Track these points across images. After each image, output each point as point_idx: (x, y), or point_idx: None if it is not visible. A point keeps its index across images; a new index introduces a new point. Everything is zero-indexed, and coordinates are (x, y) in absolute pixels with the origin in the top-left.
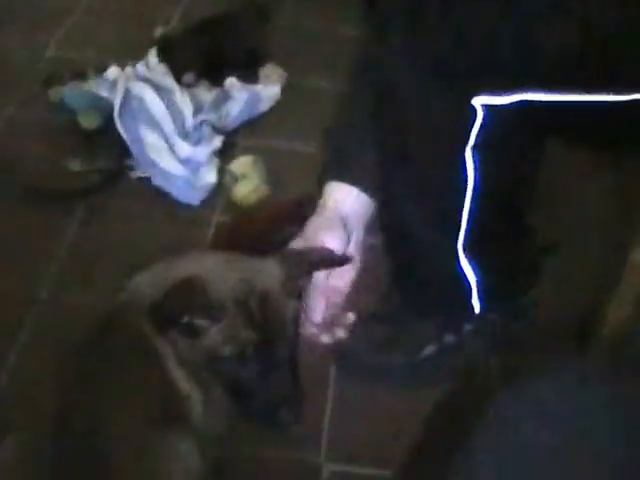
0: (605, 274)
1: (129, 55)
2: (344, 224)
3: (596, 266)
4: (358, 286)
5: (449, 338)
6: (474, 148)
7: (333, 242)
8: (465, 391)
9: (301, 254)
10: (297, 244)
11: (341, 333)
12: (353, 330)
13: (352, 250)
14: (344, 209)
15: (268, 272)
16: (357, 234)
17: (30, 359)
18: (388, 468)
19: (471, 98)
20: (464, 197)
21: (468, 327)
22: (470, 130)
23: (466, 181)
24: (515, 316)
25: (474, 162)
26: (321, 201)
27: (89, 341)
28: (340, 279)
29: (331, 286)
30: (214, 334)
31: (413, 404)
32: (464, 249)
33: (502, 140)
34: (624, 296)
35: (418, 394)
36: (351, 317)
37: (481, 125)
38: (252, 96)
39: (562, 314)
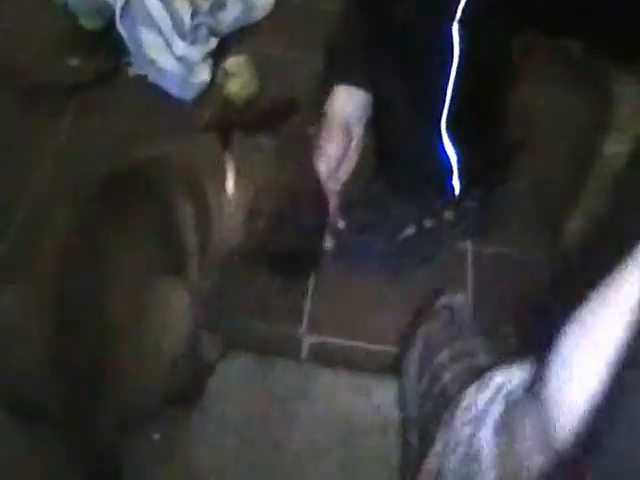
0: (575, 170)
1: None
2: (346, 128)
3: (566, 162)
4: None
5: (428, 223)
6: (459, 22)
7: (336, 149)
8: None
9: None
10: None
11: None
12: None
13: (352, 151)
14: (347, 112)
15: None
16: (357, 136)
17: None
18: (363, 340)
19: None
20: (449, 72)
21: (448, 214)
22: (457, 4)
23: (452, 55)
24: (490, 206)
25: (460, 36)
26: (326, 107)
27: (101, 189)
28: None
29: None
30: None
31: (392, 285)
32: (447, 127)
33: (484, 17)
34: (592, 190)
35: (397, 277)
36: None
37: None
38: (247, 5)
39: (533, 209)
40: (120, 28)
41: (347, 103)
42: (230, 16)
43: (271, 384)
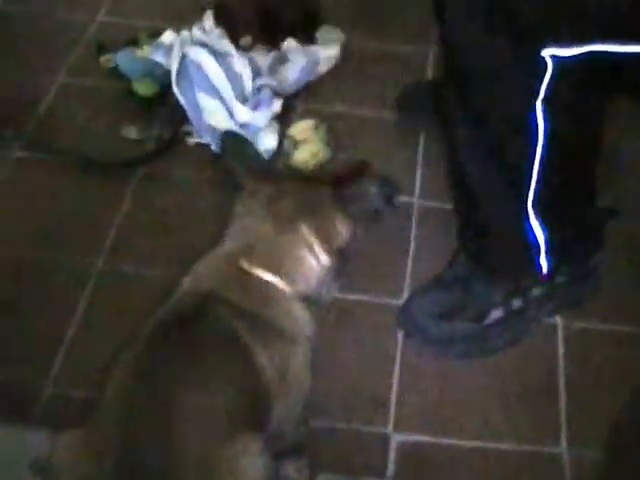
0: None
1: (182, 20)
2: None
3: None
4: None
5: (516, 303)
6: (544, 101)
7: None
8: None
9: None
10: None
11: None
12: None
13: None
14: None
15: None
16: None
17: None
18: (456, 437)
19: (540, 50)
20: (535, 153)
21: (536, 292)
22: (541, 82)
23: (537, 136)
24: (581, 280)
25: (544, 116)
26: None
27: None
28: None
29: None
30: None
31: (479, 373)
32: (533, 206)
33: (571, 93)
34: None
35: (483, 363)
36: None
37: (551, 77)
38: (310, 59)
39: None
40: (177, 93)
41: None
42: (294, 72)
43: None
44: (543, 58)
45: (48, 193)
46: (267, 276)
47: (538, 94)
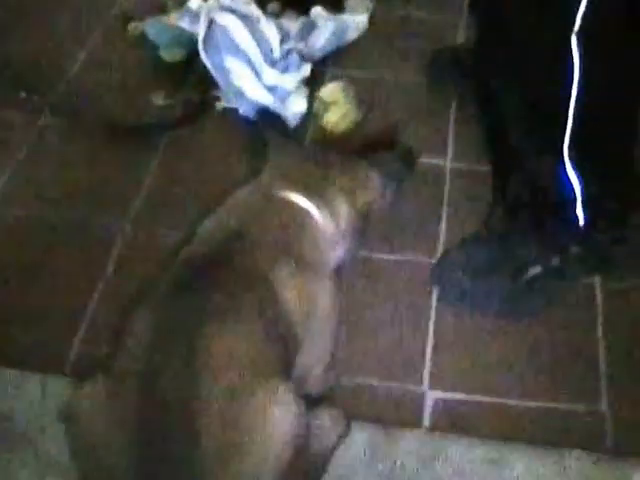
0: None
1: None
2: None
3: None
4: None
5: (554, 261)
6: (579, 33)
7: None
8: None
9: None
10: None
11: None
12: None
13: None
14: None
15: None
16: None
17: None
18: (490, 395)
19: None
20: (570, 91)
21: (574, 250)
22: (576, 13)
23: (572, 72)
24: (620, 238)
25: (579, 50)
26: None
27: (187, 276)
28: None
29: None
30: None
31: (515, 332)
32: (569, 154)
33: (607, 26)
34: None
35: (520, 321)
36: None
37: (586, 7)
38: (339, 26)
39: None
40: (204, 58)
41: None
42: (322, 38)
43: (396, 458)
44: None
45: (75, 159)
46: (300, 200)
47: (573, 25)
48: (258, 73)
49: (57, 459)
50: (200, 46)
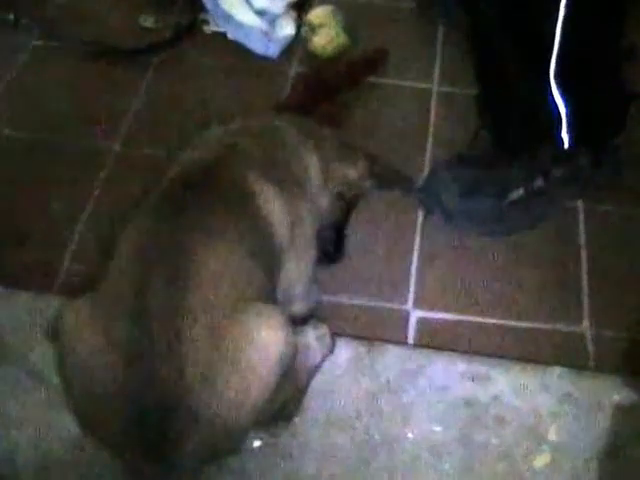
0: None
1: None
2: None
3: None
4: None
5: (538, 182)
6: None
7: None
8: None
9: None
10: None
11: None
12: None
13: None
14: None
15: None
16: None
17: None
18: (474, 314)
19: None
20: (557, 14)
21: (557, 172)
22: None
23: None
24: (602, 164)
25: None
26: None
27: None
28: None
29: None
30: None
31: (499, 253)
32: (555, 76)
33: None
34: None
35: (504, 242)
36: None
37: None
38: None
39: None
40: None
41: None
42: None
43: (380, 373)
44: None
45: (65, 80)
46: (296, 134)
47: None
48: None
49: (44, 375)
50: None
